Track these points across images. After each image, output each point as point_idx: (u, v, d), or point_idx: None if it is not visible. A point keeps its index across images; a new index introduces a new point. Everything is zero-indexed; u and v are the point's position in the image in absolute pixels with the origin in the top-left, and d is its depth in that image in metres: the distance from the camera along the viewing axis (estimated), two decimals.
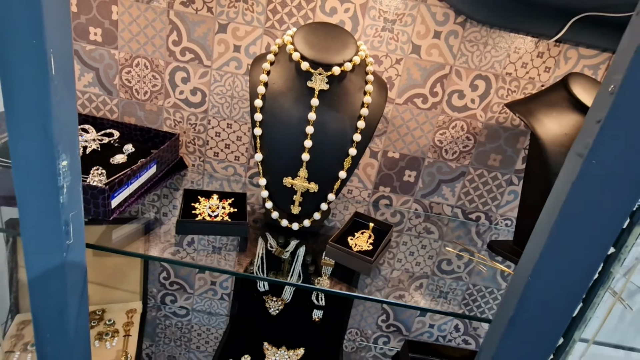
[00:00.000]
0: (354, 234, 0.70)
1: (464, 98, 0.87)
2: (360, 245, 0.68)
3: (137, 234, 0.68)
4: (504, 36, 0.82)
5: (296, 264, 0.65)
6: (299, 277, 0.60)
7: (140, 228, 0.69)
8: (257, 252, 0.66)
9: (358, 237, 0.69)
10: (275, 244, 0.69)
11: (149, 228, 0.70)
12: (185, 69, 0.87)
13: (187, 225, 0.66)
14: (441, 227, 0.92)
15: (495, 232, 0.96)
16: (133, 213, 0.72)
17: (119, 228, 0.67)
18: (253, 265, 0.64)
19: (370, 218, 0.74)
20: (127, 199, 0.68)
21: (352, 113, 0.67)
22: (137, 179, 0.69)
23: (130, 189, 0.67)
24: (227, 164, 0.97)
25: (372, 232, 0.71)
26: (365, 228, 0.72)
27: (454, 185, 0.94)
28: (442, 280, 0.70)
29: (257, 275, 0.61)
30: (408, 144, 0.91)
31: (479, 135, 0.90)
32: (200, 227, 0.66)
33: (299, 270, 0.62)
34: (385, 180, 0.94)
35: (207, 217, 0.67)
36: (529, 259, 0.43)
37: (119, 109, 0.94)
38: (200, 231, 0.67)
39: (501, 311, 0.47)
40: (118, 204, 0.64)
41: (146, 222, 0.71)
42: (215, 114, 0.91)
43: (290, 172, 0.68)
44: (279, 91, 0.67)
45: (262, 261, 0.63)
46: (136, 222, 0.70)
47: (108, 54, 0.88)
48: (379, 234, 0.72)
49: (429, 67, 0.84)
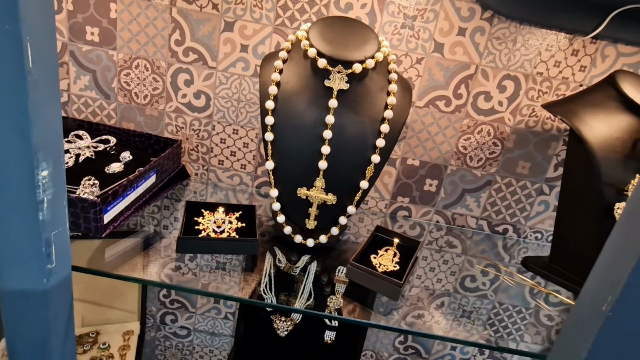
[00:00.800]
0: (376, 252, 0.63)
1: (491, 100, 0.80)
2: (385, 264, 0.60)
3: (133, 251, 0.61)
4: (535, 33, 0.76)
5: (307, 282, 0.60)
6: (309, 296, 0.56)
7: (137, 244, 0.63)
8: (265, 268, 0.61)
9: (382, 256, 0.62)
10: (285, 259, 0.63)
11: (147, 244, 0.63)
12: (189, 71, 0.82)
13: (189, 243, 0.58)
14: (465, 241, 0.86)
15: (524, 246, 0.89)
16: (130, 227, 0.64)
17: (112, 245, 0.60)
18: (260, 284, 0.57)
19: (394, 233, 0.67)
20: (123, 213, 0.60)
21: (374, 115, 0.60)
22: (133, 190, 0.62)
23: (126, 201, 0.60)
24: (233, 173, 0.91)
25: (397, 249, 0.63)
26: (388, 244, 0.65)
27: (479, 195, 0.87)
28: (465, 298, 0.65)
29: (265, 293, 0.56)
30: (429, 150, 0.84)
31: (506, 141, 0.83)
32: (205, 245, 0.59)
33: (309, 288, 0.58)
34: (403, 190, 0.87)
35: (212, 233, 0.60)
36: (602, 288, 0.35)
37: (117, 114, 0.88)
38: (205, 249, 0.59)
39: (563, 351, 0.39)
40: (112, 219, 0.57)
41: (144, 237, 0.64)
42: (220, 119, 0.85)
43: (305, 182, 0.61)
44: (292, 91, 0.60)
45: (269, 278, 0.58)
46: (133, 238, 0.63)
47: (106, 55, 0.82)
48: (405, 251, 0.65)
49: (453, 66, 0.78)
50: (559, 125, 0.83)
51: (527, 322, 0.64)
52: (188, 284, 0.60)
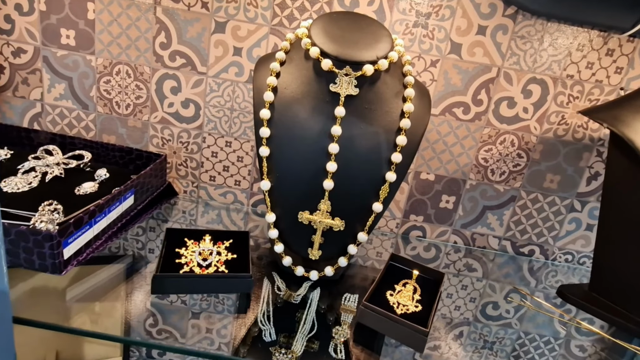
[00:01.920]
0: (393, 287, 0.53)
1: (515, 107, 0.72)
2: (405, 304, 0.50)
3: (107, 285, 0.51)
4: (565, 30, 0.68)
5: (309, 311, 0.54)
6: (312, 327, 0.50)
7: (114, 275, 0.53)
8: (262, 295, 0.55)
9: (400, 292, 0.52)
10: (284, 286, 0.56)
11: (128, 272, 0.54)
12: (176, 77, 0.75)
13: (167, 281, 0.48)
14: (486, 264, 0.78)
15: (552, 269, 0.81)
16: (104, 254, 0.55)
17: (79, 282, 0.50)
18: (257, 314, 0.51)
19: (413, 263, 0.57)
20: (91, 243, 0.51)
21: (389, 125, 0.51)
22: (104, 215, 0.52)
23: (95, 229, 0.51)
24: (226, 190, 0.82)
25: (417, 283, 0.54)
26: (406, 277, 0.55)
27: (501, 213, 0.80)
28: (486, 327, 0.59)
29: (262, 324, 0.50)
30: (445, 163, 0.76)
31: (532, 152, 0.75)
32: (187, 283, 0.49)
33: (312, 317, 0.52)
34: (417, 208, 0.80)
35: (197, 268, 0.50)
36: None
37: (97, 126, 0.79)
38: (187, 289, 0.50)
39: None
40: (76, 252, 0.47)
41: (125, 266, 0.54)
42: (211, 130, 0.77)
43: (308, 204, 0.52)
44: (292, 98, 0.51)
45: (267, 307, 0.53)
46: (105, 270, 0.54)
47: (83, 61, 0.74)
48: (426, 284, 0.55)
49: (472, 69, 0.70)
50: (592, 134, 0.74)
51: (556, 353, 0.58)
52: (176, 314, 0.53)
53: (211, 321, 0.82)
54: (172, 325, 0.81)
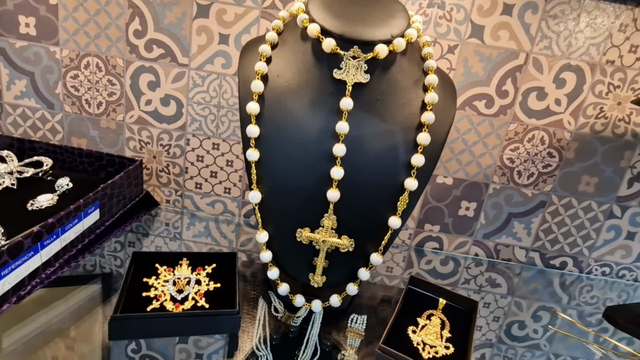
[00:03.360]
0: (414, 320, 0.43)
1: (546, 98, 0.65)
2: (433, 343, 0.40)
3: (81, 309, 0.42)
4: (605, 8, 0.60)
5: (311, 334, 0.47)
6: (315, 352, 0.45)
7: (89, 296, 0.44)
8: (258, 317, 0.49)
9: (425, 327, 0.42)
10: (282, 306, 0.50)
11: (106, 292, 0.44)
12: (153, 70, 0.66)
13: (129, 323, 0.38)
14: (511, 278, 0.71)
15: (587, 283, 0.73)
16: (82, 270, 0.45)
17: (26, 321, 0.40)
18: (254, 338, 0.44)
19: (437, 288, 0.47)
20: (38, 273, 0.41)
21: (407, 121, 0.41)
22: (56, 237, 0.42)
23: (42, 255, 0.41)
24: (215, 199, 0.73)
25: (443, 314, 0.44)
26: (430, 306, 0.45)
27: (529, 221, 0.72)
28: (511, 349, 0.54)
29: (258, 350, 0.43)
30: (465, 164, 0.68)
31: (565, 150, 0.66)
32: (156, 325, 0.39)
33: (314, 341, 0.46)
34: (432, 216, 0.72)
35: (169, 303, 0.40)
36: None
37: (65, 128, 0.70)
38: (156, 331, 0.39)
39: None
40: (15, 286, 0.37)
41: (101, 286, 0.45)
42: (196, 131, 0.68)
43: (309, 220, 0.42)
44: (286, 88, 0.41)
45: (264, 330, 0.47)
46: (80, 292, 0.44)
47: (46, 53, 0.66)
48: (454, 315, 0.45)
49: (496, 55, 0.62)
50: (636, 129, 0.65)
51: None
52: (162, 337, 0.45)
53: (201, 345, 0.73)
54: (157, 351, 0.72)
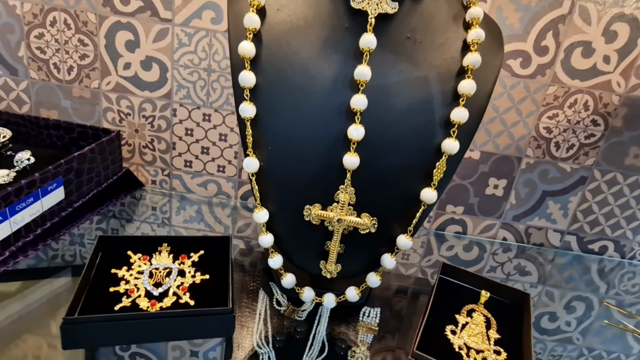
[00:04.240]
0: (452, 317, 0.35)
1: (592, 55, 0.57)
2: (479, 348, 0.32)
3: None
4: None
5: (318, 329, 0.43)
6: (322, 349, 0.41)
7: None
8: (259, 311, 0.45)
9: (467, 327, 0.34)
10: (286, 299, 0.46)
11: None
12: (132, 27, 0.59)
13: (87, 328, 0.29)
14: (543, 265, 0.64)
15: (629, 270, 0.67)
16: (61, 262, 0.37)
17: None
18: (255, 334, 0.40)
19: (476, 277, 0.38)
20: None
21: (445, 66, 0.32)
22: (3, 219, 0.33)
23: None
24: (207, 179, 0.65)
25: (487, 309, 0.35)
26: (470, 300, 0.37)
27: (566, 200, 0.64)
28: (541, 343, 0.50)
29: (259, 347, 0.39)
30: (495, 135, 0.61)
31: (613, 117, 0.59)
32: (124, 329, 0.30)
33: (322, 337, 0.42)
34: (456, 195, 0.65)
35: (144, 301, 0.31)
36: None
37: (32, 98, 0.62)
38: (125, 337, 0.31)
39: None
40: None
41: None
42: (183, 100, 0.61)
43: (320, 194, 0.34)
44: (290, 25, 0.32)
45: (265, 325, 0.43)
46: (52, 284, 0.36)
47: (4, 8, 0.60)
48: (501, 310, 0.37)
49: (535, 4, 0.55)
50: None
51: None
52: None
53: (196, 342, 0.67)
54: (148, 349, 0.65)
